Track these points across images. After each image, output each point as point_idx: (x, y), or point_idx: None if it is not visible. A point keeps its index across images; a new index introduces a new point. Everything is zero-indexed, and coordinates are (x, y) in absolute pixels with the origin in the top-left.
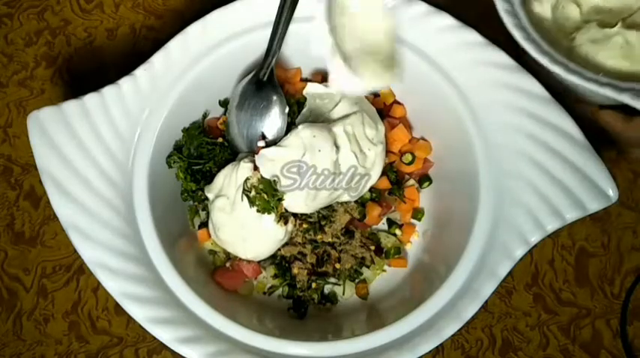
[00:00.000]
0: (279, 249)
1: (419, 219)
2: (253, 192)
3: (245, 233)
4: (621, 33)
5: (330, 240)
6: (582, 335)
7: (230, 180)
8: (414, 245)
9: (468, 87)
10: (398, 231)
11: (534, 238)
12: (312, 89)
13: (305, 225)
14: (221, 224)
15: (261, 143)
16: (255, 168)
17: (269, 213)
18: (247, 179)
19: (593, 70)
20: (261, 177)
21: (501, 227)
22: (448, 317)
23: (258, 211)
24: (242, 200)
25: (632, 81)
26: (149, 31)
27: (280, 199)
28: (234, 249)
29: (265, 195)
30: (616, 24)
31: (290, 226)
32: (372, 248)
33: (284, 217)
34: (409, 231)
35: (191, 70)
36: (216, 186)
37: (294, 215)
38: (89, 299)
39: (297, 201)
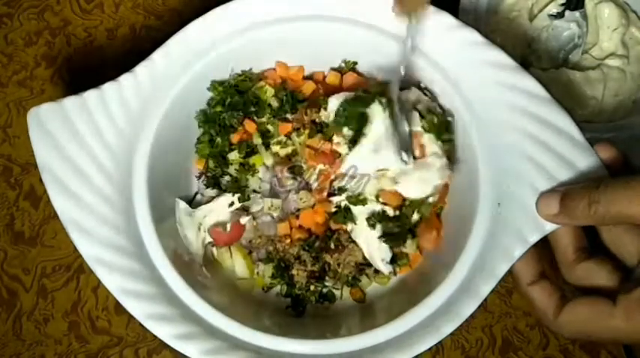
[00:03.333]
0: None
1: None
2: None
3: None
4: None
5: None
6: None
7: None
8: None
9: (468, 87)
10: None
11: (533, 238)
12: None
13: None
14: None
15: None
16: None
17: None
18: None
19: None
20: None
21: (500, 226)
22: (446, 316)
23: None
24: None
25: None
26: (149, 31)
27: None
28: None
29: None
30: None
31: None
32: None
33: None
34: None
35: (191, 67)
36: None
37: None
38: (89, 299)
39: None
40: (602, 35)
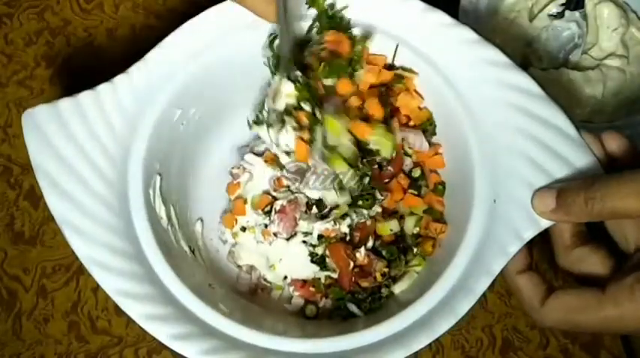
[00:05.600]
0: None
1: None
2: None
3: None
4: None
5: None
6: (582, 335)
7: None
8: None
9: (462, 84)
10: None
11: (528, 234)
12: None
13: None
14: None
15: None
16: None
17: None
18: None
19: None
20: None
21: (496, 223)
22: (443, 314)
23: None
24: None
25: None
26: (149, 31)
27: None
28: None
29: None
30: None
31: None
32: None
33: None
34: None
35: (186, 67)
36: None
37: None
38: (89, 299)
39: None
40: (602, 35)
